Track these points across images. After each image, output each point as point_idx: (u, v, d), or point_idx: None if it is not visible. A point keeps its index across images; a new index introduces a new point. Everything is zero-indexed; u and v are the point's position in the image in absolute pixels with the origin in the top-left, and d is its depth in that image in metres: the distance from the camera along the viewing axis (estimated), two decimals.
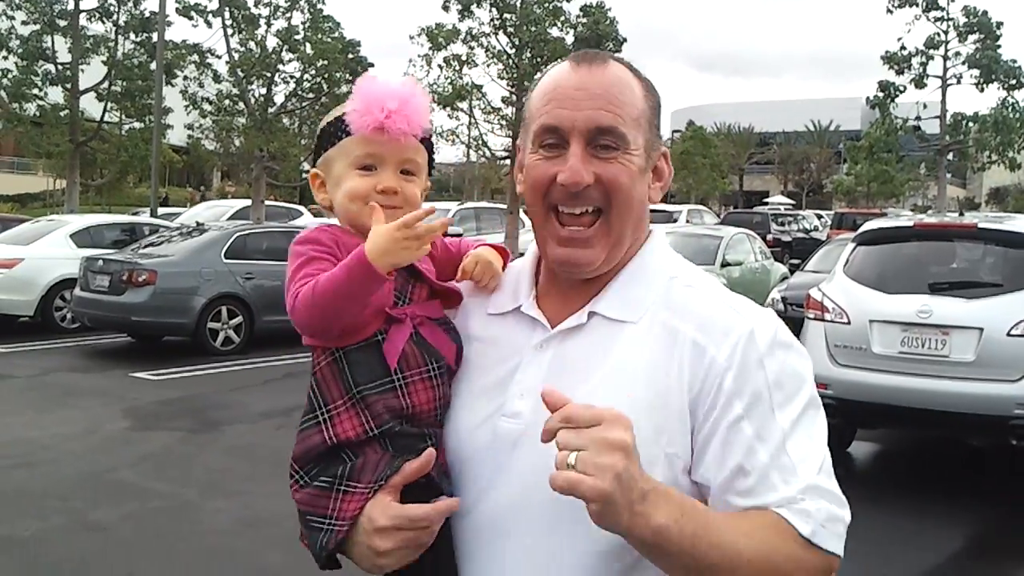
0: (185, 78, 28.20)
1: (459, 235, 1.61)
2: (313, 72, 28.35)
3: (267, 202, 27.90)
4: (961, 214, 10.26)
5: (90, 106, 29.73)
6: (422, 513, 1.42)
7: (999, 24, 35.95)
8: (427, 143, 1.62)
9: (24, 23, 27.99)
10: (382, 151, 1.53)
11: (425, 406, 1.50)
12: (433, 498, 1.46)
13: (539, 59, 25.85)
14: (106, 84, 28.90)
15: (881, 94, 36.86)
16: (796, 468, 1.37)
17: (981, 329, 7.38)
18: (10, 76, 27.69)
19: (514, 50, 25.93)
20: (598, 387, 1.43)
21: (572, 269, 1.52)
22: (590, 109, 1.45)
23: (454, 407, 1.56)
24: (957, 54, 36.32)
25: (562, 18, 26.48)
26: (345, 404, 1.49)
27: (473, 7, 26.11)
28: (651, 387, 1.42)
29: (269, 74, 27.87)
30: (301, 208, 30.30)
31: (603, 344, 1.48)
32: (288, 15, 28.20)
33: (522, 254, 1.72)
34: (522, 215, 23.42)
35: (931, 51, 36.24)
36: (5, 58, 27.96)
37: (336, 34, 28.44)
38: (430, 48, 26.66)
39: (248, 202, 27.70)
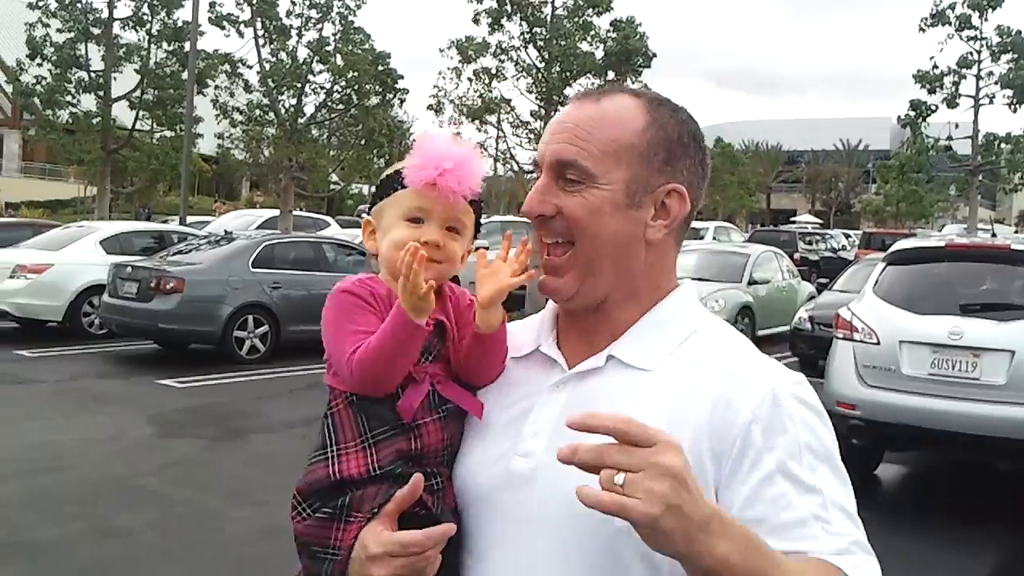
0: (216, 87, 28.40)
1: (486, 247, 1.57)
2: (343, 83, 28.43)
3: (295, 212, 28.02)
4: (993, 235, 10.15)
5: (122, 114, 30.01)
6: (411, 539, 1.41)
7: None
8: (476, 206, 1.65)
9: (59, 31, 28.31)
10: (431, 206, 1.58)
11: (434, 446, 1.53)
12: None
13: (568, 73, 25.79)
14: (138, 92, 29.15)
15: (912, 113, 36.60)
16: (843, 520, 1.32)
17: (1013, 352, 7.29)
18: (44, 83, 28.01)
19: (543, 64, 25.86)
20: None
21: (548, 295, 1.54)
22: (556, 143, 1.49)
23: (466, 445, 1.56)
24: (990, 74, 35.95)
25: (592, 32, 26.39)
26: (357, 446, 1.53)
27: (503, 20, 26.11)
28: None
29: (299, 85, 27.99)
30: (328, 219, 30.38)
31: (621, 389, 1.44)
32: (319, 26, 28.35)
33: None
34: None
35: (964, 70, 35.94)
36: (40, 65, 28.29)
37: (366, 46, 28.52)
38: (460, 61, 26.66)
39: (276, 212, 27.84)
